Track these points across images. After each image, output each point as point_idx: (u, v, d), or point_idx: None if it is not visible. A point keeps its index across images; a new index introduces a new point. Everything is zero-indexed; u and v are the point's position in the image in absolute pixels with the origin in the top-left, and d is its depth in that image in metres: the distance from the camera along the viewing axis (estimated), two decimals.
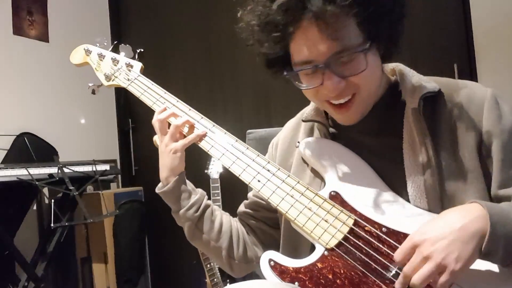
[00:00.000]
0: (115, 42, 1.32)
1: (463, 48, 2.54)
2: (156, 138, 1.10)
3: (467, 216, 0.78)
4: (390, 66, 1.02)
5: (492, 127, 0.89)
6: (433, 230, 0.78)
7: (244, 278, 2.59)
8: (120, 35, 3.53)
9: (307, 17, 0.82)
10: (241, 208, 1.18)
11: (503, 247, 0.76)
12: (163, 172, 1.06)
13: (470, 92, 0.94)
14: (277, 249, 1.15)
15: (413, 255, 0.78)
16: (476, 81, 2.43)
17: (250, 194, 1.18)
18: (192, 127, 1.09)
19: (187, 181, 1.08)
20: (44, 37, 2.96)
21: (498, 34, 2.44)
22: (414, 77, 0.97)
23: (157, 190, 1.07)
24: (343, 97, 0.90)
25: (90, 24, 3.30)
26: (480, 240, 0.76)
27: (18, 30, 2.80)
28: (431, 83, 0.95)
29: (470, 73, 2.49)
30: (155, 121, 1.07)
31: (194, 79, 3.30)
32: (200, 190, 1.10)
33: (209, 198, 1.11)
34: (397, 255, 0.80)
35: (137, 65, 1.24)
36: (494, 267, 0.81)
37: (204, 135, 1.07)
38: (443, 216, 0.81)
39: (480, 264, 0.79)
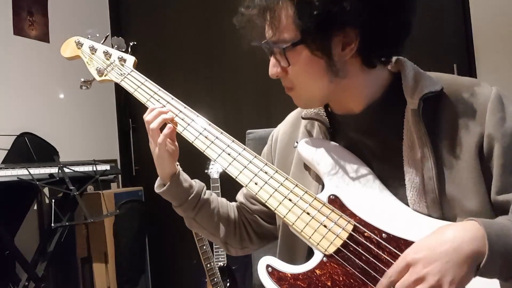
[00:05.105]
0: (107, 34, 1.24)
1: (463, 48, 2.54)
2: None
3: (463, 236, 0.75)
4: (394, 59, 0.97)
5: (494, 130, 0.86)
6: (427, 249, 0.75)
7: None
8: (120, 35, 3.52)
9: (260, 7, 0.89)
10: (239, 197, 1.19)
11: (500, 265, 0.74)
12: (158, 171, 1.09)
13: (474, 92, 0.90)
14: (272, 240, 1.17)
15: (406, 273, 0.75)
16: None
17: None
18: (174, 124, 1.07)
19: (185, 176, 1.10)
20: (44, 37, 2.95)
21: (497, 34, 2.44)
22: (416, 74, 0.93)
23: (156, 190, 1.10)
24: (285, 84, 0.95)
25: (91, 24, 3.29)
26: (476, 260, 0.73)
27: (18, 30, 2.80)
28: (433, 81, 0.91)
29: (469, 73, 2.49)
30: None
31: (194, 78, 3.30)
32: (198, 184, 1.12)
33: None
34: (392, 272, 0.77)
35: (130, 59, 1.18)
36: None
37: (172, 120, 1.06)
38: (438, 234, 0.77)
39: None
